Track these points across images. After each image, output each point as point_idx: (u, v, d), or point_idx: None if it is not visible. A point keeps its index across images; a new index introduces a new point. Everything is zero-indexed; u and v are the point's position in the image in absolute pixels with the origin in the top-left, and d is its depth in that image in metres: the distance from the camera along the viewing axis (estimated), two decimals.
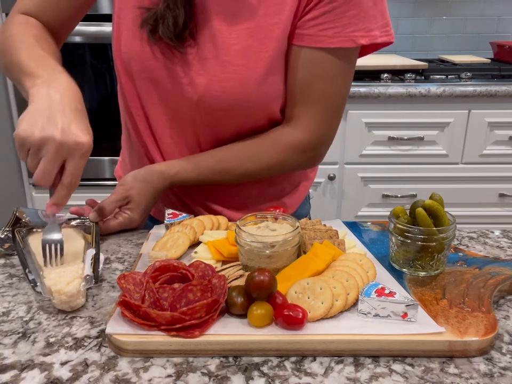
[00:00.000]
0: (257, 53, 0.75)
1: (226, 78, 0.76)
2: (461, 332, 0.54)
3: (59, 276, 0.63)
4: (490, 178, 2.09)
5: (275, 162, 0.85)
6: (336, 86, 0.81)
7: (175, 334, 0.54)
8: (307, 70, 0.78)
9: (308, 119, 0.82)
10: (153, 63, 0.80)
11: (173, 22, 0.75)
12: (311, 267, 0.63)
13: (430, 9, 2.50)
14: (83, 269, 0.66)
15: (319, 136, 0.84)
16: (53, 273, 0.64)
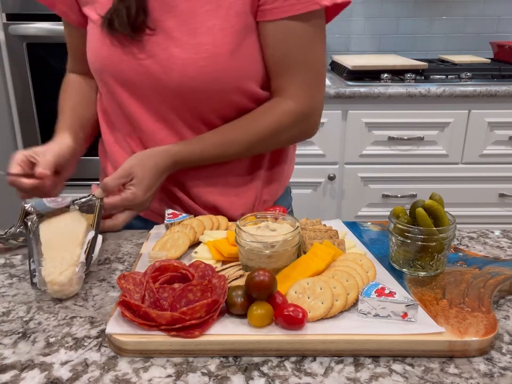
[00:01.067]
0: (222, 30, 0.80)
1: (200, 58, 0.80)
2: (461, 331, 0.54)
3: (54, 266, 0.66)
4: (490, 178, 2.09)
5: (273, 128, 0.87)
6: (312, 50, 0.84)
7: (175, 334, 0.54)
8: (281, 42, 0.82)
9: (295, 87, 0.85)
10: (123, 64, 0.83)
11: (126, 13, 0.80)
12: (311, 267, 0.63)
13: (430, 9, 2.50)
14: (79, 255, 0.68)
15: (309, 102, 0.88)
16: (50, 262, 0.67)
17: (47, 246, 0.71)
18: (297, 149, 1.12)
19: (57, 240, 0.73)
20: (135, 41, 0.82)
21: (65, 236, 0.73)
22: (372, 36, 2.53)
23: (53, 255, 0.69)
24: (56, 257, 0.68)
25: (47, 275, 0.65)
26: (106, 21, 0.82)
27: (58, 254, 0.69)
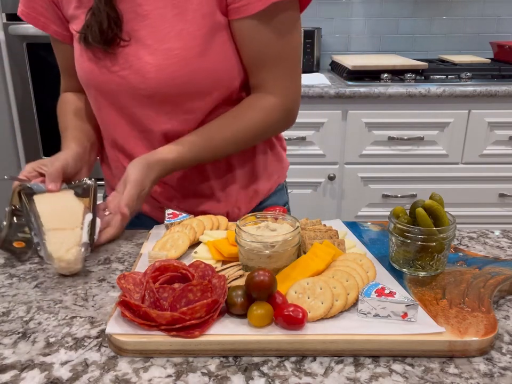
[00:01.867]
0: (191, 33, 0.80)
1: (170, 63, 0.81)
2: (461, 331, 0.54)
3: (60, 242, 0.70)
4: (490, 178, 2.09)
5: (257, 121, 0.87)
6: (285, 43, 0.84)
7: (175, 334, 0.54)
8: (253, 39, 0.82)
9: (273, 81, 0.86)
10: (103, 76, 0.85)
11: (98, 27, 0.81)
12: (311, 267, 0.63)
13: (430, 9, 2.50)
14: (81, 236, 0.73)
15: (289, 94, 0.88)
16: (53, 238, 0.71)
17: (46, 219, 0.74)
18: (297, 148, 1.13)
19: (56, 216, 0.75)
20: (110, 54, 0.83)
21: (63, 214, 0.76)
22: (371, 36, 2.53)
23: (55, 231, 0.72)
24: (58, 233, 0.72)
25: (54, 251, 0.69)
26: (82, 36, 0.84)
27: (60, 230, 0.72)
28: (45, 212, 0.75)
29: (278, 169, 1.04)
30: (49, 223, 0.73)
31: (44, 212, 0.75)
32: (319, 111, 1.99)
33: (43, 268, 0.73)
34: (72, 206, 0.78)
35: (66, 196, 0.80)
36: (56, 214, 0.75)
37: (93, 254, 0.78)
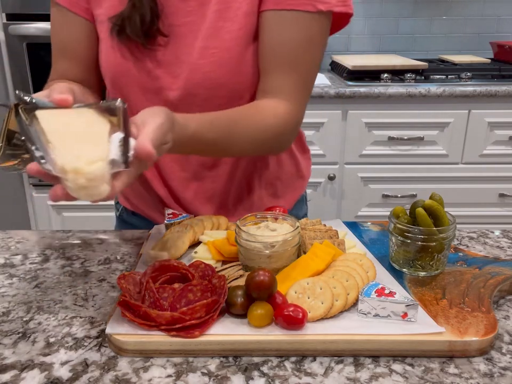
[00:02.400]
0: (230, 32, 0.77)
1: (205, 63, 0.78)
2: (461, 331, 0.54)
3: (78, 156, 0.49)
4: (490, 178, 2.09)
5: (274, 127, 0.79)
6: (306, 51, 0.80)
7: (175, 334, 0.54)
8: (276, 32, 0.78)
9: (288, 88, 0.80)
10: (131, 70, 0.80)
11: (140, 20, 0.76)
12: (311, 267, 0.63)
13: (430, 9, 2.49)
14: (108, 151, 0.51)
15: (300, 108, 0.82)
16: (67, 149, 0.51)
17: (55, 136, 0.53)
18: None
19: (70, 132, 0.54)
20: (145, 50, 0.78)
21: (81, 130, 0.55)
22: (371, 36, 2.53)
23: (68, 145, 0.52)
24: (74, 146, 0.52)
25: (69, 162, 0.48)
26: (116, 27, 0.78)
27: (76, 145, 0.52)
28: (53, 128, 0.53)
29: (300, 185, 1.00)
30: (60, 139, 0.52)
31: (51, 128, 0.53)
32: (319, 111, 1.99)
33: (43, 268, 0.73)
34: (93, 122, 0.56)
35: (83, 113, 0.58)
36: (69, 131, 0.54)
37: (93, 254, 0.78)
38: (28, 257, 0.77)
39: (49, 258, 0.76)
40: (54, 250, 0.79)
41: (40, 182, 2.16)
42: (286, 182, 0.96)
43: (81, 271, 0.72)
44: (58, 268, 0.73)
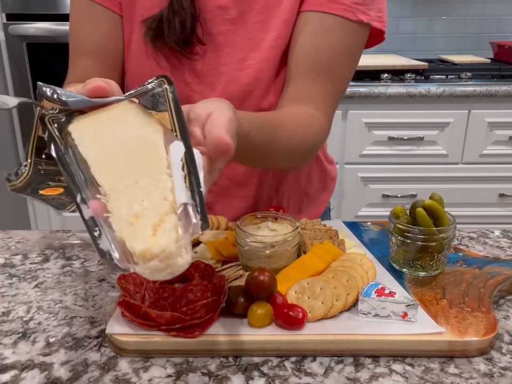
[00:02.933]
0: (268, 42, 0.74)
1: (243, 75, 0.74)
2: (461, 332, 0.54)
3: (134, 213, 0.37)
4: (490, 178, 2.09)
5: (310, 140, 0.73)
6: (342, 62, 0.76)
7: (175, 334, 0.54)
8: (313, 36, 0.74)
9: (321, 99, 0.74)
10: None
11: (180, 26, 0.71)
12: (311, 267, 0.63)
13: (430, 9, 2.49)
14: (173, 190, 0.39)
15: (330, 123, 0.76)
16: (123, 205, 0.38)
17: (98, 165, 0.41)
18: None
19: (116, 155, 0.42)
20: (184, 58, 0.73)
21: (129, 149, 0.42)
22: None
23: (120, 187, 0.39)
24: (128, 193, 0.39)
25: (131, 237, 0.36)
26: (151, 32, 0.72)
27: (128, 183, 0.40)
28: (94, 149, 0.42)
29: (325, 198, 0.97)
30: (106, 172, 0.41)
31: (91, 149, 0.42)
32: None
33: (43, 268, 0.73)
34: (140, 127, 0.44)
35: (125, 111, 0.46)
36: (115, 151, 0.42)
37: (93, 254, 0.78)
38: (28, 257, 0.77)
39: (49, 258, 0.76)
40: (54, 250, 0.79)
41: None
42: (312, 197, 0.94)
43: (81, 271, 0.72)
44: (58, 268, 0.73)
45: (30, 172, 0.44)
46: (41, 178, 0.44)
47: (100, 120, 0.45)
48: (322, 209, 0.97)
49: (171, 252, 0.35)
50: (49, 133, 0.44)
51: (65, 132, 0.43)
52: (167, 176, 0.40)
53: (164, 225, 0.37)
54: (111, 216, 0.38)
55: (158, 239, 0.36)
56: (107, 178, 0.41)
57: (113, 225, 0.37)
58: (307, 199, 0.93)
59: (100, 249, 0.36)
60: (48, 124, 0.44)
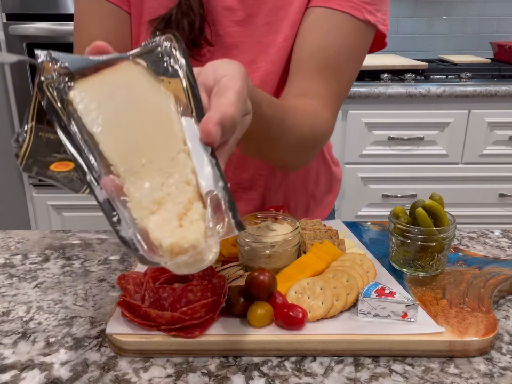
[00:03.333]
0: (276, 44, 0.74)
1: (250, 78, 0.71)
2: (461, 332, 0.54)
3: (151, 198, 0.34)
4: (490, 178, 2.09)
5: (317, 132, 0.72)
6: (348, 60, 0.75)
7: (175, 334, 0.54)
8: (321, 32, 0.73)
9: (327, 96, 0.73)
10: None
11: (189, 26, 0.69)
12: (311, 267, 0.63)
13: (430, 9, 2.49)
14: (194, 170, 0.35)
15: (334, 122, 0.75)
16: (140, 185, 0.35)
17: (108, 143, 0.37)
18: None
19: (125, 130, 0.38)
20: (190, 59, 0.72)
21: (137, 120, 0.39)
22: None
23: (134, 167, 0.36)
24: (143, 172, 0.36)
25: (155, 228, 0.34)
26: (158, 33, 0.70)
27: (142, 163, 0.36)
28: (101, 123, 0.38)
29: (331, 200, 0.96)
30: (117, 150, 0.37)
31: (97, 122, 0.38)
32: None
33: (43, 268, 0.73)
34: (150, 97, 0.40)
35: (130, 75, 0.42)
36: (124, 125, 0.38)
37: (93, 254, 0.78)
38: (28, 257, 0.77)
39: (49, 258, 0.76)
40: (54, 250, 0.79)
41: (40, 182, 2.16)
42: (319, 199, 0.94)
43: (81, 271, 0.72)
44: (58, 268, 0.73)
45: (32, 139, 0.40)
46: (44, 148, 0.40)
47: (103, 86, 0.41)
48: (328, 212, 0.97)
49: (201, 247, 0.33)
50: (48, 101, 0.40)
51: (66, 100, 0.39)
52: (185, 154, 0.37)
53: (190, 214, 0.34)
54: (129, 201, 0.35)
55: (187, 232, 0.33)
56: (119, 156, 0.37)
57: (133, 212, 0.35)
58: (314, 201, 0.93)
59: (121, 236, 0.34)
60: (47, 90, 0.40)
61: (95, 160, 0.37)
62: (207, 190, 0.35)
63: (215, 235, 0.34)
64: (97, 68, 0.42)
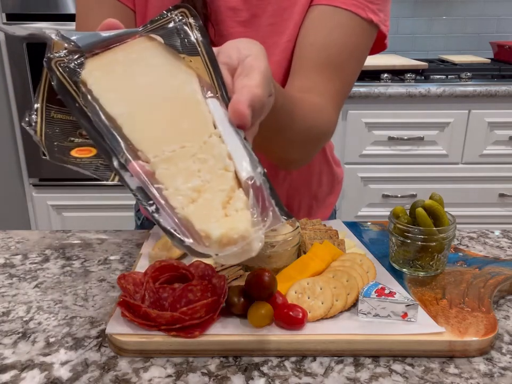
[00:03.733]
0: (280, 45, 0.74)
1: None
2: (461, 332, 0.54)
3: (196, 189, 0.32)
4: (490, 178, 2.09)
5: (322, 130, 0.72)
6: (351, 59, 0.75)
7: (175, 334, 0.54)
8: (324, 29, 0.73)
9: (330, 94, 0.73)
10: None
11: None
12: (311, 267, 0.63)
13: (430, 9, 2.49)
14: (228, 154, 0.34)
15: (337, 121, 0.75)
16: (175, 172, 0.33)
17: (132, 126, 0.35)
18: None
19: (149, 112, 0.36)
20: None
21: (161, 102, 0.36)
22: None
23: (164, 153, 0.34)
24: (175, 158, 0.34)
25: (200, 218, 0.32)
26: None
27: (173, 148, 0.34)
28: (121, 105, 0.35)
29: (332, 201, 0.96)
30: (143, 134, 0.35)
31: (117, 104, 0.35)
32: None
33: (43, 268, 0.73)
34: (171, 77, 0.37)
35: (145, 52, 0.39)
36: (147, 107, 0.36)
37: (93, 254, 0.78)
38: (28, 257, 0.77)
39: (49, 258, 0.76)
40: (54, 250, 0.79)
41: (40, 182, 2.16)
42: (321, 200, 0.94)
43: (81, 271, 0.72)
44: (58, 268, 0.73)
45: (44, 120, 0.38)
46: (60, 130, 0.38)
47: (118, 64, 0.38)
48: (329, 212, 0.97)
49: (251, 237, 0.31)
50: (59, 80, 0.37)
51: (79, 80, 0.36)
52: (217, 137, 0.35)
53: (233, 202, 0.33)
54: (164, 189, 0.33)
55: (235, 222, 0.31)
56: (146, 141, 0.34)
57: (171, 201, 0.33)
58: (316, 202, 0.93)
59: (164, 227, 0.32)
60: (56, 68, 0.37)
61: (119, 145, 0.35)
62: (247, 176, 0.34)
63: (260, 224, 0.33)
64: (109, 44, 0.40)
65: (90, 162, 0.36)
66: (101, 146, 0.35)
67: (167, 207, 0.33)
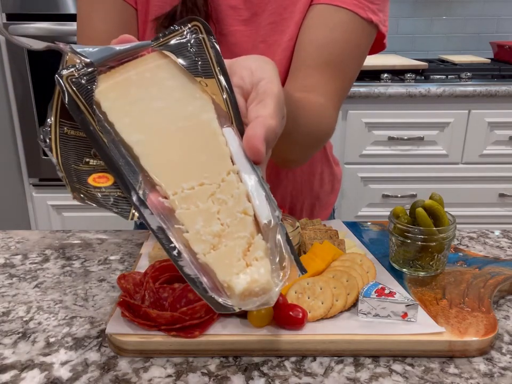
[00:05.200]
0: (281, 44, 0.74)
1: None
2: (461, 332, 0.54)
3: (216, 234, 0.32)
4: (490, 178, 2.09)
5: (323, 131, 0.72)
6: (352, 58, 0.75)
7: (175, 334, 0.54)
8: (325, 28, 0.73)
9: (330, 93, 0.72)
10: None
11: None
12: (311, 267, 0.62)
13: (430, 9, 2.49)
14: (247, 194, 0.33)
15: (336, 120, 0.75)
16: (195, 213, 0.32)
17: (150, 158, 0.34)
18: None
19: (166, 142, 0.35)
20: None
21: (178, 131, 0.35)
22: None
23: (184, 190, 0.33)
24: (193, 197, 0.33)
25: (222, 268, 0.32)
26: (162, 30, 0.70)
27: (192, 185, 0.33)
28: (137, 132, 0.35)
29: (332, 200, 0.97)
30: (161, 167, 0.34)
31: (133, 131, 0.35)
32: None
33: (43, 268, 0.73)
34: (188, 103, 0.36)
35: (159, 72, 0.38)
36: (165, 137, 0.35)
37: (93, 254, 0.78)
38: (28, 257, 0.77)
39: (49, 258, 0.76)
40: (54, 250, 0.79)
41: (40, 182, 2.16)
42: (323, 200, 0.94)
43: (81, 271, 0.72)
44: (58, 267, 0.73)
45: (58, 137, 0.37)
46: (74, 149, 0.36)
47: (132, 86, 0.37)
48: (329, 212, 0.97)
49: (272, 290, 0.31)
50: (70, 98, 0.35)
51: (93, 101, 0.35)
52: (235, 175, 0.34)
53: (252, 250, 0.32)
54: (185, 231, 0.32)
55: (256, 274, 0.31)
56: (164, 176, 0.33)
57: (193, 246, 0.32)
58: (319, 202, 0.93)
59: (187, 274, 0.31)
60: (68, 85, 0.35)
61: (137, 177, 0.33)
62: (265, 221, 0.33)
63: (279, 275, 0.33)
64: (121, 58, 0.39)
65: (109, 194, 0.35)
66: (119, 176, 0.34)
67: (186, 251, 0.33)
